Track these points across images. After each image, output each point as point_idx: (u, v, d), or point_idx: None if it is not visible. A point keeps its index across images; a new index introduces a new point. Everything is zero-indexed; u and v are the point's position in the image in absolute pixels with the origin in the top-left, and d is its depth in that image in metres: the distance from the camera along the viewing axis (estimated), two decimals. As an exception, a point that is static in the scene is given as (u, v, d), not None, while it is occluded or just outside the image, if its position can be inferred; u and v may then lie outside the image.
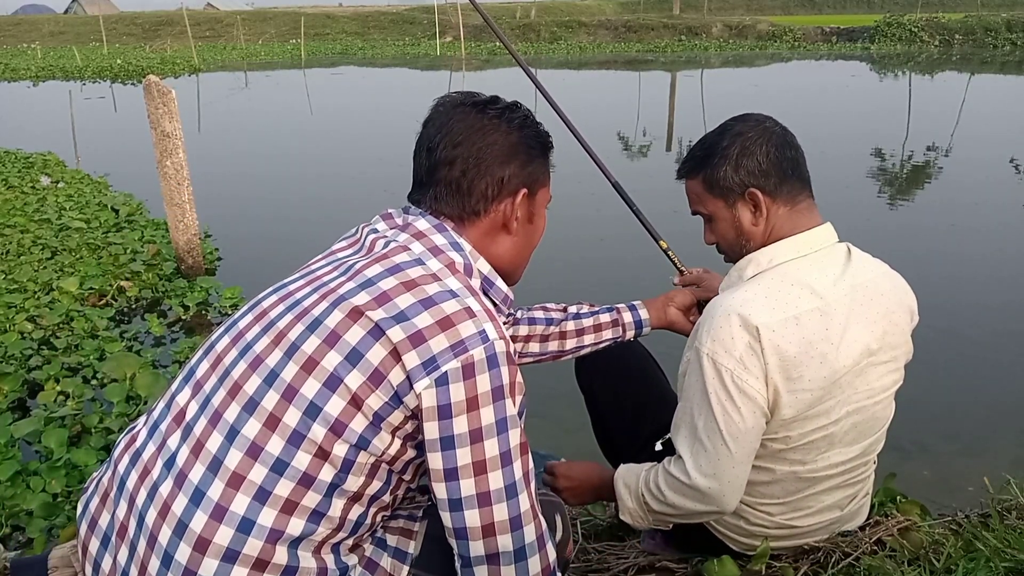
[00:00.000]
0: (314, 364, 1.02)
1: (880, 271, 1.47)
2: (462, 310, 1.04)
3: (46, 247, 4.56)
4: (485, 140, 1.17)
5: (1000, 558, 1.52)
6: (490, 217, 1.20)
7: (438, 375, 1.00)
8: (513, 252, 1.25)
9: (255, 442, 1.02)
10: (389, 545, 1.17)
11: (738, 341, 1.33)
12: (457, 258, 1.13)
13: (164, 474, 1.06)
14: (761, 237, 1.43)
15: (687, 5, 36.05)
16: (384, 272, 1.07)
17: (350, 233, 1.26)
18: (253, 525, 1.01)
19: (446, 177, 1.17)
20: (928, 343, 3.49)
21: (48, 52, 26.18)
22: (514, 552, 1.07)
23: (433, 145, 1.18)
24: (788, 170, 1.41)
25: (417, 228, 1.15)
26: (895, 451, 2.54)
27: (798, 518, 1.53)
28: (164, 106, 4.05)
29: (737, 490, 1.42)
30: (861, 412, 1.44)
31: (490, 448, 1.04)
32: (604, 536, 1.93)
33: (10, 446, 2.42)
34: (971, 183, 6.76)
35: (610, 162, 2.03)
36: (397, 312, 1.03)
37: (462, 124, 1.18)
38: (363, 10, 35.93)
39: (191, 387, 1.11)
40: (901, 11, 28.95)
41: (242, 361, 1.07)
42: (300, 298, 1.10)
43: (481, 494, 1.05)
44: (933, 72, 18.23)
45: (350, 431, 1.02)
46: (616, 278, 4.39)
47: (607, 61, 22.61)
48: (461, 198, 1.18)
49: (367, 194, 6.49)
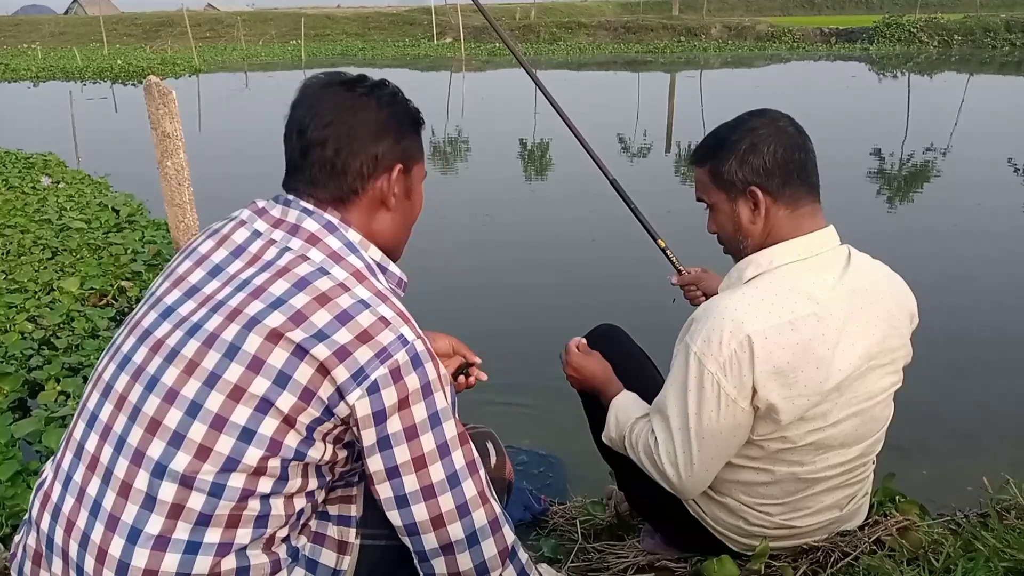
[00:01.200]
0: (241, 392, 1.02)
1: (880, 274, 1.47)
2: (377, 321, 1.05)
3: (47, 247, 4.56)
4: (356, 118, 1.16)
5: (999, 558, 1.52)
6: (368, 195, 1.19)
7: (368, 384, 1.03)
8: (394, 228, 1.24)
9: (186, 474, 1.01)
10: (332, 515, 1.19)
11: (725, 347, 1.33)
12: (358, 263, 1.12)
13: (92, 521, 1.04)
14: (759, 236, 1.43)
15: (686, 6, 36.04)
16: (292, 288, 1.06)
17: (213, 228, 1.20)
18: (199, 546, 1.03)
19: (320, 158, 1.16)
20: (928, 343, 3.47)
21: (48, 52, 26.18)
22: (466, 539, 1.10)
23: (304, 127, 1.16)
24: (793, 173, 1.40)
25: (308, 231, 1.13)
26: (895, 451, 2.53)
27: (797, 518, 1.54)
28: (165, 107, 4.05)
29: (699, 484, 1.45)
30: (860, 415, 1.44)
31: (427, 442, 1.07)
32: (604, 536, 1.93)
33: (10, 446, 2.42)
34: (971, 183, 6.76)
35: (609, 163, 2.03)
36: (316, 331, 1.03)
37: (331, 103, 1.16)
38: (363, 11, 35.92)
39: (98, 432, 1.08)
40: (900, 12, 28.94)
41: (152, 396, 1.05)
42: (198, 321, 1.07)
43: (424, 488, 1.08)
44: (932, 73, 18.23)
45: (285, 447, 1.04)
46: (613, 279, 4.40)
47: (607, 62, 22.61)
48: (337, 178, 1.16)
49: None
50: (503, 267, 4.84)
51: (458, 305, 4.01)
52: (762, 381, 1.34)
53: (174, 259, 1.20)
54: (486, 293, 4.32)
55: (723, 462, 1.44)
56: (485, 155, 8.75)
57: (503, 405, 2.83)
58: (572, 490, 2.27)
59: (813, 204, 1.43)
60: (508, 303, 4.15)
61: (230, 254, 1.14)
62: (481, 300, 4.19)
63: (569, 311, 3.93)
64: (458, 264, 4.83)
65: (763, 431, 1.41)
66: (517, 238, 5.41)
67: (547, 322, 3.80)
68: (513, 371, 3.01)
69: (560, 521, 2.06)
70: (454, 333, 1.51)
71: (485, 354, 1.49)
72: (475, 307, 4.02)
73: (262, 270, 1.09)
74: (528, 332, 3.67)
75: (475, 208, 6.21)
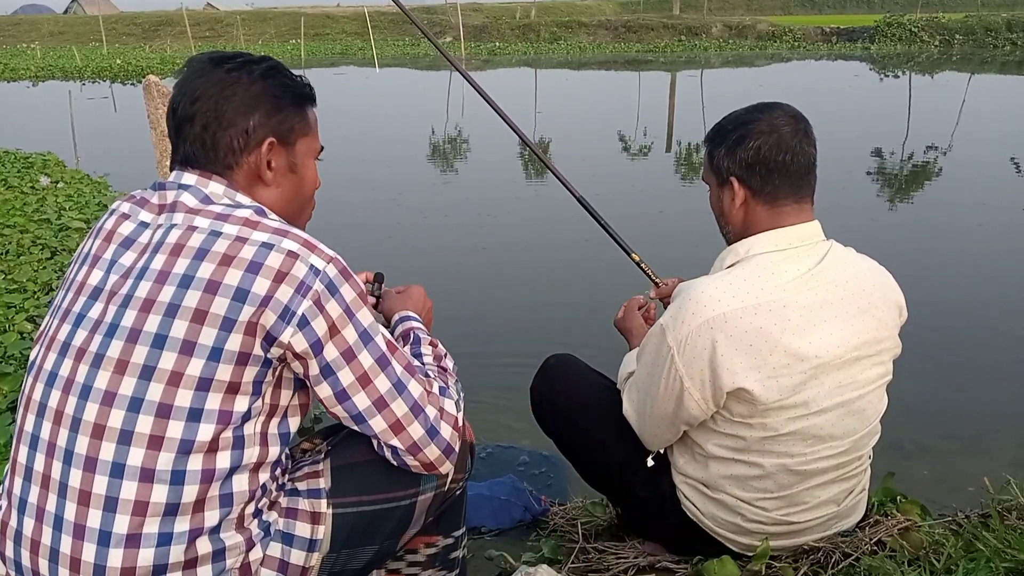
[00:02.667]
0: (179, 376, 1.04)
1: (863, 267, 1.49)
2: (285, 257, 1.08)
3: (46, 247, 4.56)
4: (223, 93, 1.17)
5: (1000, 558, 1.52)
6: (244, 169, 1.20)
7: (298, 319, 1.07)
8: (280, 204, 1.24)
9: (144, 468, 1.03)
10: (301, 490, 1.21)
11: (685, 326, 1.40)
12: (244, 212, 1.13)
13: (57, 536, 1.04)
14: (739, 225, 1.49)
15: (687, 5, 36.03)
16: (193, 262, 1.07)
17: (95, 228, 1.20)
18: (171, 536, 1.04)
19: (191, 134, 1.18)
20: (928, 343, 3.50)
21: (48, 52, 26.17)
22: (427, 432, 1.18)
23: (176, 105, 1.19)
24: (775, 171, 1.43)
25: (187, 205, 1.14)
26: (895, 451, 2.54)
27: (794, 513, 1.54)
28: (164, 106, 4.05)
29: (652, 442, 1.59)
30: (846, 405, 1.46)
31: (364, 360, 1.13)
32: (604, 536, 1.92)
33: (9, 446, 2.42)
34: (972, 183, 6.76)
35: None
36: (234, 292, 1.05)
37: (201, 80, 1.18)
38: (363, 10, 35.93)
39: (43, 451, 1.07)
40: (901, 11, 28.93)
41: (89, 403, 1.05)
42: (113, 320, 1.08)
43: (376, 401, 1.14)
44: (933, 72, 18.22)
45: (235, 415, 1.07)
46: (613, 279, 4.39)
47: (607, 61, 22.60)
48: (208, 153, 1.18)
49: (368, 195, 6.49)
50: (503, 268, 4.83)
51: (458, 305, 4.01)
52: (725, 364, 1.38)
53: (68, 271, 1.21)
54: (486, 293, 4.32)
55: (670, 430, 1.53)
56: (485, 155, 8.74)
57: (503, 405, 2.82)
58: (572, 491, 2.27)
59: (796, 204, 1.46)
60: (508, 304, 4.15)
61: (119, 246, 1.14)
62: (481, 300, 4.18)
63: (569, 311, 3.93)
64: (458, 264, 4.82)
65: (740, 412, 1.44)
66: (518, 238, 5.40)
67: (547, 322, 3.80)
68: (514, 371, 3.01)
69: (560, 522, 2.05)
70: (454, 334, 1.51)
71: (485, 354, 1.49)
72: (475, 307, 4.02)
73: (155, 253, 1.10)
74: (528, 332, 3.66)
75: (475, 208, 6.21)
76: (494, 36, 29.63)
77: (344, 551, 1.22)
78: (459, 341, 3.63)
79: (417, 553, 1.42)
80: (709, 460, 1.52)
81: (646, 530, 1.79)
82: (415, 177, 7.24)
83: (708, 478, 1.53)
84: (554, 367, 1.83)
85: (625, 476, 1.68)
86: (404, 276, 1.68)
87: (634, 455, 1.65)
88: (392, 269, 1.62)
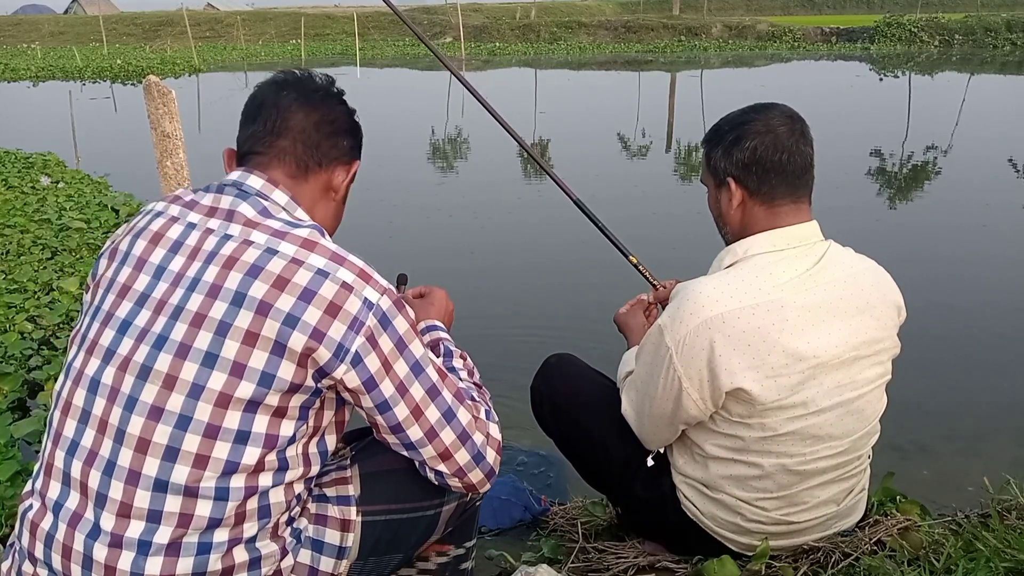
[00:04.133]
0: (228, 398, 1.03)
1: (862, 267, 1.50)
2: (340, 289, 1.07)
3: (46, 247, 4.56)
4: (339, 107, 1.27)
5: (1000, 558, 1.52)
6: (321, 179, 1.25)
7: (351, 357, 1.07)
8: (330, 225, 1.29)
9: (188, 485, 1.03)
10: (330, 496, 1.22)
11: (684, 326, 1.41)
12: (303, 232, 1.11)
13: (90, 544, 1.04)
14: (737, 226, 1.50)
15: (687, 5, 36.02)
16: (246, 278, 1.05)
17: (138, 227, 1.17)
18: (211, 546, 1.05)
19: (296, 126, 1.21)
20: (928, 343, 3.50)
21: (48, 52, 26.16)
22: (473, 457, 1.19)
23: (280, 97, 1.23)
24: (771, 172, 1.44)
25: (244, 215, 1.12)
26: (895, 451, 2.54)
27: (794, 513, 1.54)
28: (164, 106, 4.04)
29: (650, 441, 1.59)
30: (846, 405, 1.46)
31: (416, 392, 1.13)
32: (604, 536, 1.92)
33: (10, 446, 2.42)
34: (972, 183, 6.76)
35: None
36: (285, 318, 1.04)
37: (313, 92, 1.25)
38: (363, 10, 35.92)
39: (82, 459, 1.07)
40: (901, 11, 28.93)
41: (135, 416, 1.04)
42: (162, 332, 1.06)
43: (427, 432, 1.15)
44: (933, 72, 18.22)
45: (281, 438, 1.07)
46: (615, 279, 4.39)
47: (607, 61, 22.59)
48: (308, 150, 1.22)
49: (369, 195, 6.49)
50: (504, 268, 4.83)
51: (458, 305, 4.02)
52: (723, 364, 1.39)
53: (102, 266, 1.17)
54: (486, 293, 4.32)
55: (668, 429, 1.54)
56: (486, 154, 8.74)
57: (503, 406, 2.82)
58: (573, 490, 2.27)
59: (794, 204, 1.46)
60: (508, 304, 4.15)
61: (168, 251, 1.12)
62: (481, 301, 4.18)
63: (570, 312, 3.93)
64: (458, 264, 4.83)
65: (739, 412, 1.44)
66: (518, 238, 5.40)
67: (548, 322, 3.80)
68: (514, 371, 3.02)
69: (561, 521, 2.06)
70: (454, 334, 1.51)
71: (486, 354, 1.50)
72: (475, 307, 4.02)
73: (207, 263, 1.08)
74: (528, 333, 3.67)
75: (476, 209, 6.21)
76: (494, 36, 29.62)
77: (371, 559, 1.23)
78: (459, 341, 3.64)
79: (428, 561, 1.42)
80: (708, 460, 1.53)
81: (646, 530, 1.79)
82: (410, 179, 7.25)
83: (708, 478, 1.54)
84: (555, 366, 1.84)
85: (625, 476, 1.68)
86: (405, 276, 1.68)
87: (634, 455, 1.66)
88: (391, 269, 1.62)
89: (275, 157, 1.20)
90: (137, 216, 1.21)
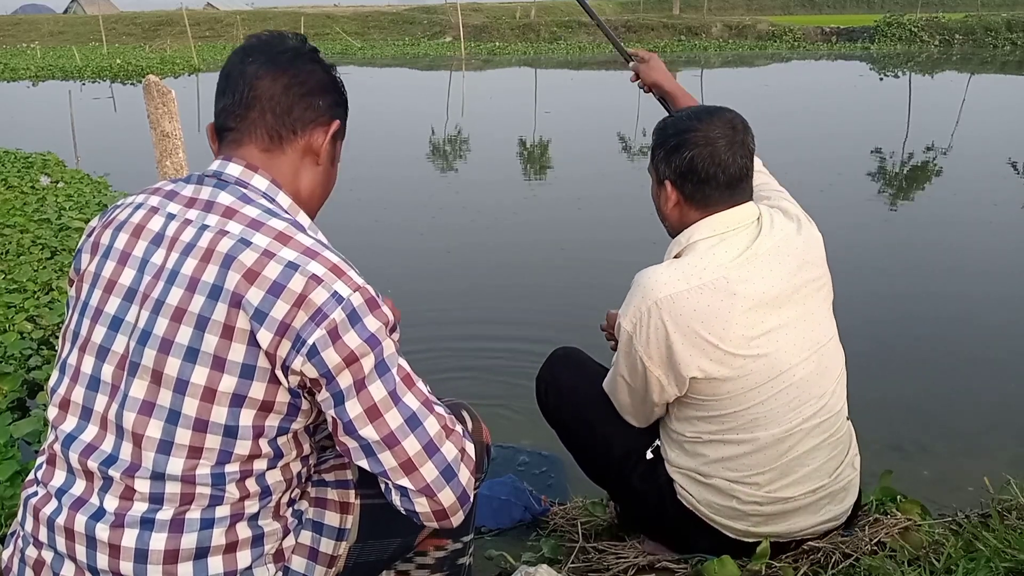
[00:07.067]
0: (212, 393, 1.03)
1: (790, 229, 1.58)
2: (308, 280, 1.03)
3: (46, 247, 4.56)
4: (305, 67, 1.20)
5: (1000, 558, 1.52)
6: (300, 144, 1.19)
7: (307, 349, 1.02)
8: (319, 191, 1.25)
9: (184, 474, 1.05)
10: (329, 480, 1.23)
11: (635, 309, 1.51)
12: (279, 224, 1.09)
13: (92, 525, 1.06)
14: (675, 222, 1.60)
15: (687, 5, 36.02)
16: (220, 270, 1.04)
17: (118, 220, 1.16)
18: (213, 521, 1.07)
19: (264, 93, 1.16)
20: (928, 342, 3.50)
21: (48, 52, 26.15)
22: (441, 473, 1.09)
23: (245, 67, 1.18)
24: (707, 181, 1.52)
25: (223, 205, 1.10)
26: (894, 451, 2.54)
27: (786, 486, 1.56)
28: (164, 106, 4.04)
29: (634, 420, 1.67)
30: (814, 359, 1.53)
31: (376, 392, 1.06)
32: (604, 536, 1.93)
33: (10, 446, 2.42)
34: (972, 182, 6.76)
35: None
36: (254, 312, 1.02)
37: (278, 54, 1.19)
38: (363, 10, 35.92)
39: (83, 452, 1.09)
40: (901, 11, 28.90)
41: (127, 412, 1.05)
42: (145, 327, 1.06)
43: (385, 436, 1.06)
44: (933, 72, 18.22)
45: (268, 428, 1.08)
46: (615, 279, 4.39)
47: (607, 61, 22.58)
48: (279, 118, 1.17)
49: (370, 196, 6.49)
50: (504, 268, 4.83)
51: (458, 305, 4.01)
52: (677, 340, 1.47)
53: (84, 260, 1.17)
54: (487, 293, 4.32)
55: (646, 407, 1.62)
56: (485, 154, 8.74)
57: (504, 405, 2.83)
58: (573, 490, 2.27)
59: (730, 206, 1.54)
60: (508, 304, 4.15)
61: (150, 243, 1.11)
62: (482, 300, 4.18)
63: (568, 311, 3.93)
64: (459, 265, 4.83)
65: (711, 392, 1.51)
66: (519, 238, 5.40)
67: (548, 320, 3.80)
68: (514, 371, 3.02)
69: (561, 521, 2.06)
70: (454, 333, 1.51)
71: (486, 354, 1.50)
72: (475, 307, 4.02)
73: (185, 255, 1.07)
74: (529, 333, 3.66)
75: (476, 209, 6.21)
76: (494, 36, 29.61)
77: (370, 541, 1.25)
78: (459, 340, 3.65)
79: (427, 555, 1.42)
80: (697, 446, 1.58)
81: (645, 525, 1.80)
82: (413, 176, 7.25)
83: (700, 465, 1.58)
84: (561, 359, 1.87)
85: (625, 469, 1.70)
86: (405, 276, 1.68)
87: (634, 448, 1.70)
88: (393, 269, 1.62)
89: (247, 132, 1.17)
90: (116, 207, 1.20)
